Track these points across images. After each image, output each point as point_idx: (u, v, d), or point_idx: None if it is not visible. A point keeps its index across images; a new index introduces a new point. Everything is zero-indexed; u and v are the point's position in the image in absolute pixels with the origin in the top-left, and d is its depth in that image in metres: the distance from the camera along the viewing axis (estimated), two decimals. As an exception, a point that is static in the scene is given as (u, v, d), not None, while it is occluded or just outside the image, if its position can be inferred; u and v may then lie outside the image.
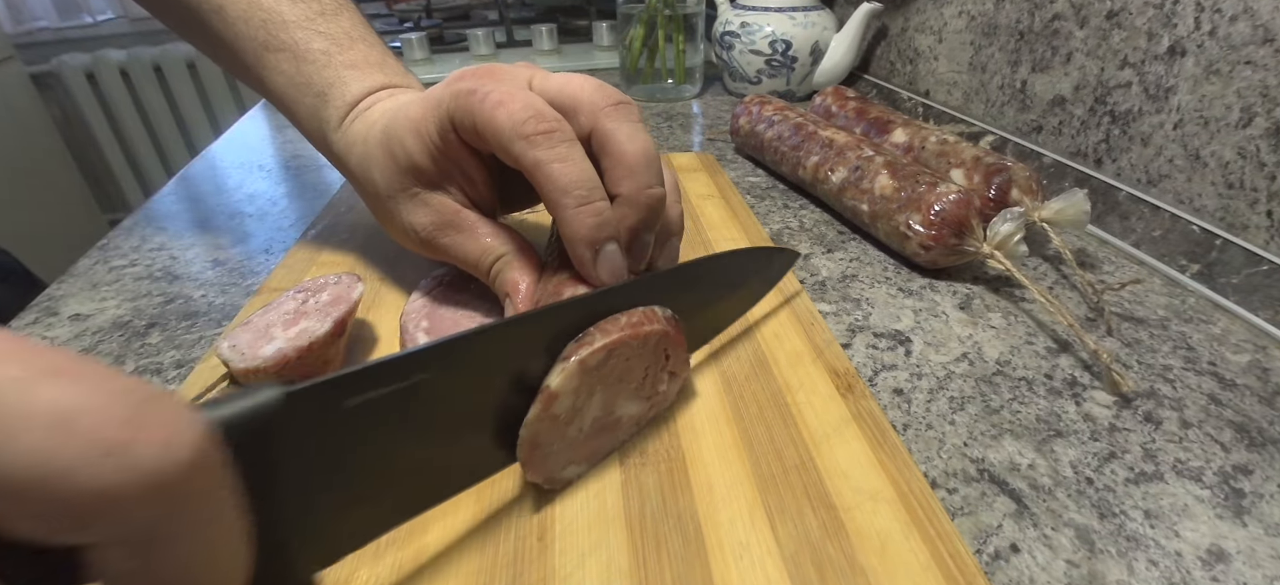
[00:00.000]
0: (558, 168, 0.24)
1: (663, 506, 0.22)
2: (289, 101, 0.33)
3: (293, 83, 0.33)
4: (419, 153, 0.28)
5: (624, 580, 0.20)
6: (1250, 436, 0.27)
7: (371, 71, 0.33)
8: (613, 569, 0.20)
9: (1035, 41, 0.50)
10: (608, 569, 0.20)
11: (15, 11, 1.61)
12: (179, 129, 1.80)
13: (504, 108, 0.24)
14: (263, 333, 0.27)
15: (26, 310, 0.37)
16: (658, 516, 0.22)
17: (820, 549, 0.21)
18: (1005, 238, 0.35)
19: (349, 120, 0.32)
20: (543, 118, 0.24)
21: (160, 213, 0.49)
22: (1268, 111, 0.34)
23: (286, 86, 0.33)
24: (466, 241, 0.29)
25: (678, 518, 0.22)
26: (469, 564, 0.21)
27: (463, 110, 0.26)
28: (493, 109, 0.25)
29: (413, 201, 0.29)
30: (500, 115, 0.24)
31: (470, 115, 0.25)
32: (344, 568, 0.20)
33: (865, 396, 0.27)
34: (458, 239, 0.29)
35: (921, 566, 0.20)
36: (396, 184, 0.29)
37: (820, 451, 0.25)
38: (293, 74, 0.32)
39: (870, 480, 0.23)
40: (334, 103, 0.32)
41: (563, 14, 1.08)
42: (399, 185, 0.29)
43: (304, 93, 0.33)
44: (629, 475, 0.24)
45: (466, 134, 0.26)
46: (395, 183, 0.29)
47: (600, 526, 0.22)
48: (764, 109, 0.53)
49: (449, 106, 0.26)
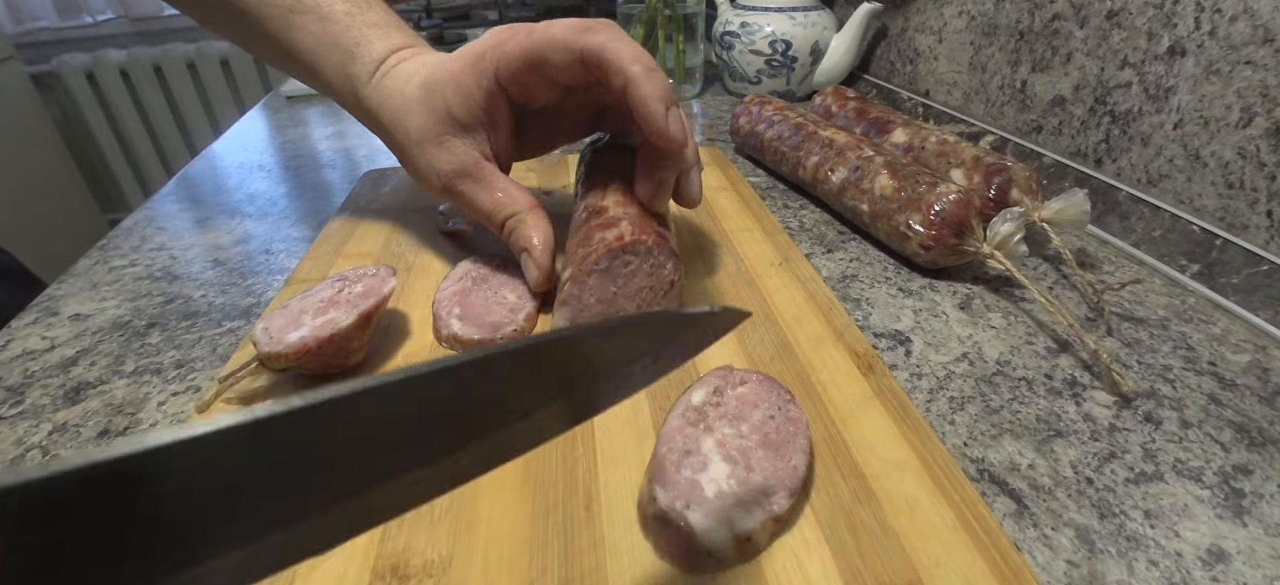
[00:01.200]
0: (622, 44, 0.28)
1: None
2: (316, 60, 0.35)
3: (320, 42, 0.34)
4: (457, 103, 0.31)
5: None
6: (1250, 436, 0.27)
7: (392, 32, 0.35)
8: None
9: (1035, 41, 0.50)
10: None
11: (15, 11, 1.61)
12: (179, 129, 1.80)
13: (556, 26, 0.29)
14: (294, 318, 0.28)
15: (26, 310, 0.37)
16: None
17: (853, 513, 0.22)
18: (1005, 238, 0.35)
19: (379, 75, 0.34)
20: (593, 22, 0.29)
21: (160, 213, 0.49)
22: (1268, 111, 0.34)
23: (314, 45, 0.35)
24: (482, 192, 0.33)
25: None
26: (521, 531, 0.21)
27: (518, 47, 0.29)
28: (546, 29, 0.29)
29: (441, 147, 0.32)
30: (556, 29, 0.29)
31: (525, 46, 0.29)
32: (401, 536, 0.21)
33: (885, 375, 0.28)
34: (474, 188, 0.33)
35: (949, 528, 0.21)
36: (430, 131, 0.32)
37: (846, 426, 0.25)
38: (319, 34, 0.34)
39: (895, 451, 0.24)
40: (361, 59, 0.34)
41: (563, 14, 1.08)
42: (433, 132, 0.32)
43: (331, 51, 0.34)
44: None
45: (518, 67, 0.30)
46: (429, 130, 0.32)
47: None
48: (764, 109, 0.53)
49: (494, 56, 0.30)
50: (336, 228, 0.42)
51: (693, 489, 0.21)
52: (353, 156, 0.60)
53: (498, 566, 0.20)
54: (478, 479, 0.14)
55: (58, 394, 0.30)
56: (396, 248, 0.39)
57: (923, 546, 0.20)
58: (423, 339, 0.31)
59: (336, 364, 0.28)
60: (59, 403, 0.30)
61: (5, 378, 0.32)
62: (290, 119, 0.72)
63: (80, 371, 0.32)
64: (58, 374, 0.32)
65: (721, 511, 0.20)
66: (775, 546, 0.21)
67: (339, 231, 0.41)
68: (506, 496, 0.22)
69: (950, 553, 0.20)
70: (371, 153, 0.60)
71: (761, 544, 0.20)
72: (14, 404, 0.30)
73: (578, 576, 0.20)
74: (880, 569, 0.20)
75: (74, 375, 0.32)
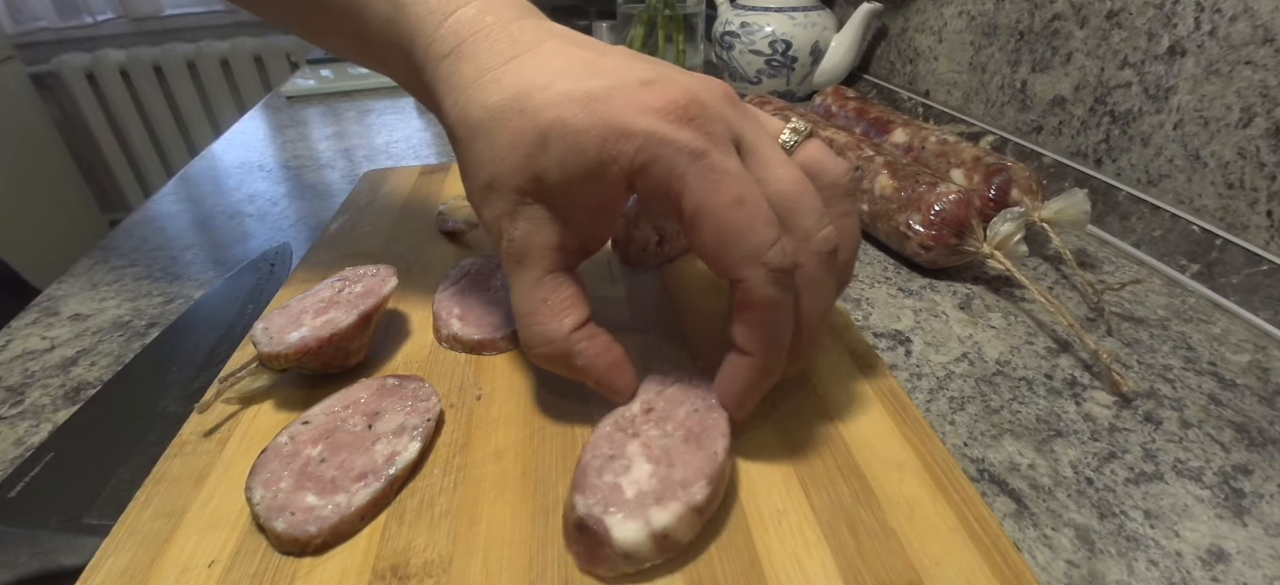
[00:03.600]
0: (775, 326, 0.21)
1: None
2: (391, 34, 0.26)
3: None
4: (560, 175, 0.21)
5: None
6: (1250, 436, 0.27)
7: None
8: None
9: (1035, 41, 0.50)
10: None
11: (15, 11, 1.61)
12: (179, 129, 1.80)
13: (742, 209, 0.19)
14: (294, 318, 0.28)
15: (26, 310, 0.37)
16: None
17: (853, 514, 0.22)
18: (1005, 238, 0.35)
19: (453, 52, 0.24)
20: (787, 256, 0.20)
21: (160, 213, 0.49)
22: (1268, 111, 0.34)
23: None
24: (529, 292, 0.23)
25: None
26: (521, 531, 0.21)
27: (672, 174, 0.20)
28: (729, 204, 0.19)
29: (516, 214, 0.23)
30: (736, 218, 0.19)
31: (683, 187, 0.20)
32: (401, 535, 0.21)
33: (885, 375, 0.28)
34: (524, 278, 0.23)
35: (949, 528, 0.21)
36: (508, 182, 0.23)
37: (846, 426, 0.25)
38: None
39: (895, 451, 0.24)
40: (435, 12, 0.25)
41: (563, 14, 1.08)
42: (511, 185, 0.23)
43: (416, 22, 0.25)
44: None
45: (658, 196, 0.21)
46: (506, 180, 0.23)
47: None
48: (764, 109, 0.53)
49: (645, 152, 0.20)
50: (336, 228, 0.42)
51: (613, 492, 0.20)
52: (353, 156, 0.60)
53: (498, 566, 0.20)
54: (478, 479, 0.14)
55: (58, 394, 0.30)
56: (396, 248, 0.39)
57: (923, 547, 0.20)
58: (423, 339, 0.31)
59: (336, 364, 0.28)
60: (59, 403, 0.30)
61: (5, 378, 0.32)
62: (290, 119, 0.72)
63: (80, 371, 0.32)
64: (58, 374, 0.32)
65: (639, 510, 0.19)
66: (775, 546, 0.21)
67: (339, 231, 0.41)
68: (506, 496, 0.22)
69: (950, 553, 0.20)
70: (371, 153, 0.60)
71: (681, 538, 0.19)
72: (14, 404, 0.30)
73: (578, 576, 0.20)
74: (880, 569, 0.20)
75: (74, 375, 0.32)
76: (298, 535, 0.20)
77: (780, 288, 0.20)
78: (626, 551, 0.19)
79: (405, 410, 0.25)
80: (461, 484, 0.23)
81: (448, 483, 0.23)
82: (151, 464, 0.24)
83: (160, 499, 0.22)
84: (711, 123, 0.20)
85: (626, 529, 0.19)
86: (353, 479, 0.22)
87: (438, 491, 0.23)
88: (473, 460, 0.24)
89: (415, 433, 0.24)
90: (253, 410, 0.27)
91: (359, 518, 0.21)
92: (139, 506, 0.22)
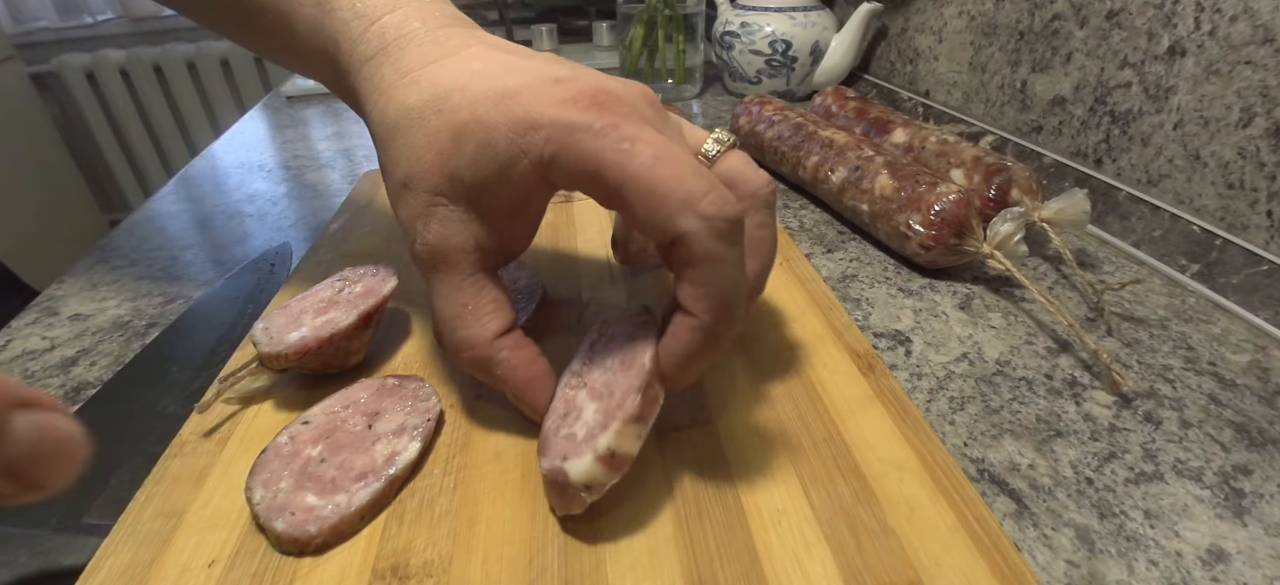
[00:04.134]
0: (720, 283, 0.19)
1: (701, 478, 0.23)
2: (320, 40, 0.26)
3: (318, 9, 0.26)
4: (472, 171, 0.21)
5: (670, 546, 0.21)
6: (1250, 436, 0.27)
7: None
8: (658, 536, 0.21)
9: (1035, 41, 0.50)
10: (654, 536, 0.21)
11: (15, 11, 1.61)
12: (179, 129, 1.80)
13: (666, 165, 0.19)
14: (295, 318, 0.28)
15: (26, 310, 0.37)
16: (697, 487, 0.23)
17: (853, 513, 0.22)
18: (1005, 238, 0.35)
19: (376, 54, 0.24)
20: (726, 203, 0.19)
21: (160, 213, 0.49)
22: (1268, 111, 0.34)
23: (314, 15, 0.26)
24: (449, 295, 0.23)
25: (716, 488, 0.23)
26: (521, 531, 0.21)
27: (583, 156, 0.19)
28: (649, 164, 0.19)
29: (430, 215, 0.23)
30: (661, 173, 0.19)
31: (599, 164, 0.19)
32: (401, 535, 0.21)
33: (886, 375, 0.28)
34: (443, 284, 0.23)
35: (949, 528, 0.21)
36: (423, 181, 0.22)
37: (846, 426, 0.25)
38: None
39: (895, 451, 0.24)
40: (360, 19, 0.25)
41: (563, 14, 1.08)
42: (427, 184, 0.22)
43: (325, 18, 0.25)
44: (667, 454, 0.24)
45: (581, 179, 0.20)
46: (421, 178, 0.22)
47: (644, 497, 0.22)
48: (764, 109, 0.53)
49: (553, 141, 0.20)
50: (336, 228, 0.42)
51: (568, 443, 0.21)
52: (353, 156, 0.60)
53: (498, 566, 0.20)
54: (478, 479, 0.14)
55: (58, 394, 0.30)
56: (396, 248, 0.39)
57: (923, 546, 0.20)
58: (423, 339, 0.31)
59: (336, 364, 0.28)
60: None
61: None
62: (290, 119, 0.72)
63: (80, 371, 0.32)
64: (58, 374, 0.32)
65: (587, 445, 0.20)
66: (775, 546, 0.21)
67: (339, 232, 0.41)
68: (506, 496, 0.22)
69: (950, 553, 0.20)
70: (371, 153, 0.60)
71: (628, 450, 0.20)
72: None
73: (578, 576, 0.20)
74: (880, 569, 0.20)
75: (74, 375, 0.32)
76: (298, 535, 0.20)
77: (724, 241, 0.19)
78: (585, 483, 0.20)
79: (405, 410, 0.25)
80: (461, 484, 0.23)
81: (448, 483, 0.23)
82: (151, 464, 0.24)
83: (160, 499, 0.22)
84: (622, 107, 0.20)
85: (579, 465, 0.20)
86: (353, 479, 0.22)
87: (438, 491, 0.23)
88: (473, 460, 0.24)
89: (415, 433, 0.24)
90: (253, 410, 0.27)
91: (359, 518, 0.21)
92: (139, 506, 0.22)
